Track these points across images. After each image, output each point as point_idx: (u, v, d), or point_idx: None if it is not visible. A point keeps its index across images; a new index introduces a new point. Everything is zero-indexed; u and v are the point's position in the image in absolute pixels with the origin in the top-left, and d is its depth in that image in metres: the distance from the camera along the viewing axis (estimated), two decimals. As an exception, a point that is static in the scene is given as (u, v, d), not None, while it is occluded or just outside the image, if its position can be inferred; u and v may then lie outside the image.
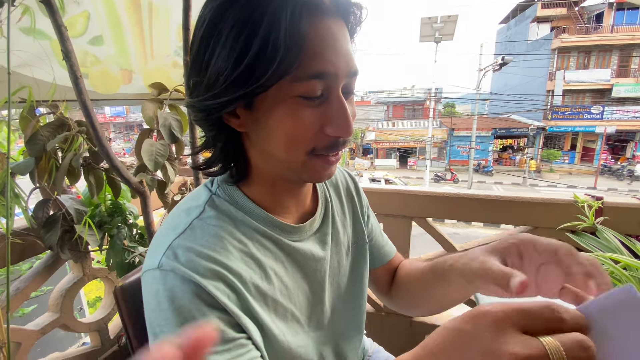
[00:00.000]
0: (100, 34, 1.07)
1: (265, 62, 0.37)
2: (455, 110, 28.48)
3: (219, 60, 0.39)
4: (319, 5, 0.39)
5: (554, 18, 19.76)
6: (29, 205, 0.99)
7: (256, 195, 0.50)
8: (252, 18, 0.37)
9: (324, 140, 0.44)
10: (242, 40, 0.38)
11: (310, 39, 0.38)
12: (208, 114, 0.43)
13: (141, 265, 1.16)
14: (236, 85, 0.39)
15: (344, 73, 0.42)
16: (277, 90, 0.40)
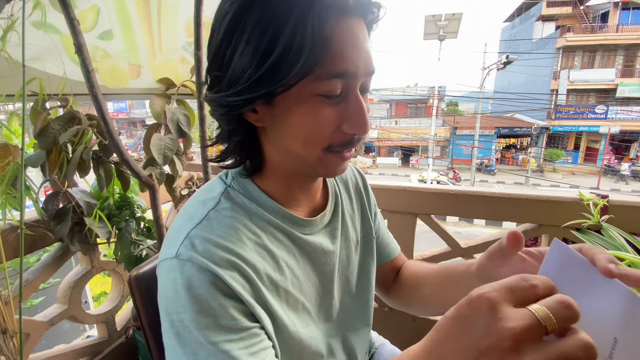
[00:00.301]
0: (110, 29, 1.08)
1: (290, 61, 0.38)
2: (458, 108, 28.37)
3: (242, 57, 0.39)
4: (344, 6, 0.40)
5: (559, 17, 19.60)
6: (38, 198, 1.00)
7: (269, 188, 0.51)
8: (277, 16, 0.37)
9: (341, 137, 0.44)
10: (267, 38, 0.38)
11: (333, 39, 0.39)
12: (229, 110, 0.44)
13: (151, 257, 1.17)
14: (260, 83, 0.39)
15: (363, 72, 0.43)
16: (299, 88, 0.40)
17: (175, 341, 0.40)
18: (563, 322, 0.24)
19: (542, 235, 1.30)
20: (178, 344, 0.40)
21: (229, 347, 0.39)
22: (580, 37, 18.04)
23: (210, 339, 0.39)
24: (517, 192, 1.25)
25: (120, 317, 1.43)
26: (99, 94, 0.84)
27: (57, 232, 1.00)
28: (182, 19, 1.20)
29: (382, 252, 0.71)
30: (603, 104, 18.23)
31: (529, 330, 0.24)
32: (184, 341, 0.39)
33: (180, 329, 0.40)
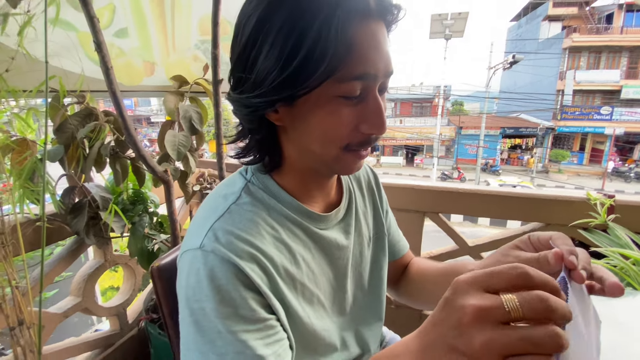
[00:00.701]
0: (125, 27, 1.10)
1: (314, 64, 0.39)
2: (463, 108, 28.23)
3: (267, 60, 0.40)
4: (366, 10, 0.41)
5: (565, 17, 19.41)
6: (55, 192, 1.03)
7: (287, 184, 0.53)
8: (302, 20, 0.38)
9: (358, 137, 0.46)
10: (292, 42, 0.39)
11: (356, 42, 0.40)
12: (253, 110, 0.45)
13: (164, 251, 1.19)
14: (283, 85, 0.41)
15: (383, 74, 0.44)
16: (320, 90, 0.41)
17: (194, 329, 0.41)
18: (532, 312, 0.25)
19: (549, 234, 1.31)
20: (197, 331, 0.41)
21: (246, 337, 0.41)
22: (586, 38, 17.88)
23: (229, 328, 0.40)
24: (524, 191, 1.26)
25: (132, 310, 1.46)
26: (117, 91, 0.86)
27: (73, 225, 1.02)
28: (196, 17, 1.22)
29: (392, 250, 0.72)
30: (608, 105, 18.07)
31: (489, 309, 0.26)
32: (203, 329, 0.41)
33: (200, 317, 0.41)
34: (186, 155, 1.09)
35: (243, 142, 0.52)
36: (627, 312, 0.69)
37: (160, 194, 1.23)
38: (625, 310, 0.70)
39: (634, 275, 0.85)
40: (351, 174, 0.59)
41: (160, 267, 0.60)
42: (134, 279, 1.42)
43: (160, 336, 1.21)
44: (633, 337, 0.60)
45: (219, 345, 0.40)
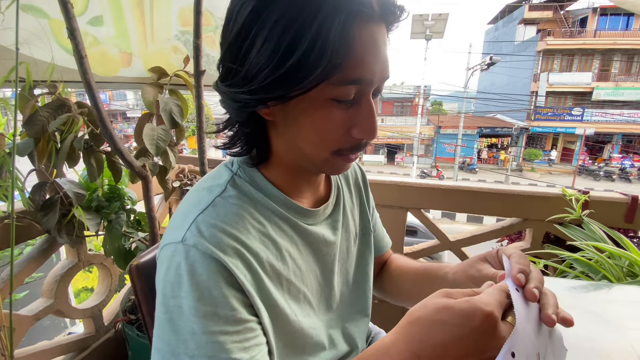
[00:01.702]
0: (100, 14, 1.05)
1: (310, 65, 0.37)
2: (442, 108, 28.87)
3: (260, 54, 0.38)
4: (370, 13, 0.39)
5: (540, 21, 20.19)
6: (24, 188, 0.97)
7: (275, 178, 0.51)
8: (302, 15, 0.36)
9: (350, 142, 0.45)
10: (289, 39, 0.36)
11: (355, 45, 0.38)
12: (242, 105, 0.43)
13: (142, 249, 1.14)
14: (276, 84, 0.39)
15: (379, 79, 0.43)
16: (314, 92, 0.40)
17: (168, 327, 0.39)
18: None
19: (526, 229, 1.35)
20: (170, 330, 0.39)
21: (223, 339, 0.39)
22: (560, 41, 18.68)
23: (206, 329, 0.38)
24: (504, 187, 1.30)
25: (108, 311, 1.40)
26: (91, 81, 0.81)
27: (44, 223, 0.97)
28: (176, 7, 1.17)
29: (376, 246, 0.72)
30: (580, 106, 18.98)
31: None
32: (177, 328, 0.39)
33: (175, 315, 0.39)
34: (165, 150, 1.05)
35: (229, 131, 0.50)
36: (603, 304, 0.72)
37: (138, 191, 1.18)
38: (601, 302, 0.73)
39: (609, 268, 0.88)
40: (338, 174, 0.59)
41: (139, 266, 0.57)
42: (110, 279, 1.37)
43: (139, 338, 1.16)
44: (610, 328, 0.63)
45: (191, 347, 0.38)
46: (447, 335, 0.34)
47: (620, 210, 1.17)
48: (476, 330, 0.33)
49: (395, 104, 25.28)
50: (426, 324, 0.35)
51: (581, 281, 0.88)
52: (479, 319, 0.33)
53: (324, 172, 0.51)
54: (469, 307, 0.34)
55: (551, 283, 0.81)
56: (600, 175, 17.90)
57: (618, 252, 0.90)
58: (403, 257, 0.76)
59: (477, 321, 0.33)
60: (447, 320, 0.34)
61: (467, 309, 0.34)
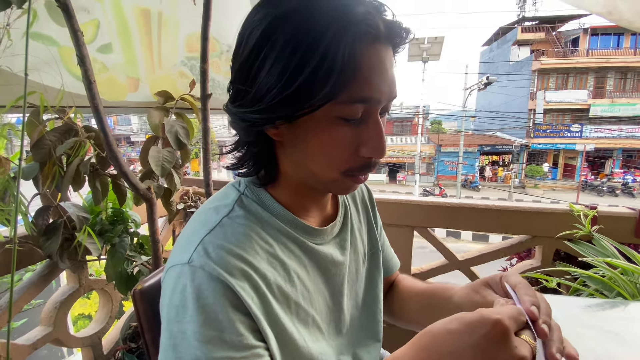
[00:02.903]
0: (110, 42, 1.08)
1: (318, 84, 0.38)
2: (442, 127, 29.22)
3: (269, 75, 0.39)
4: (376, 34, 0.40)
5: (533, 42, 20.79)
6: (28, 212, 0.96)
7: (282, 197, 0.51)
8: (310, 36, 0.37)
9: (359, 161, 0.45)
10: (297, 59, 0.37)
11: (362, 65, 0.39)
12: (251, 125, 0.44)
13: (145, 274, 1.12)
14: (284, 103, 0.39)
15: (386, 98, 0.43)
16: (322, 110, 0.40)
17: (171, 354, 0.38)
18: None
19: (535, 246, 1.33)
20: (173, 356, 0.38)
21: None
22: (553, 61, 19.16)
23: (210, 354, 0.37)
24: (511, 204, 1.29)
25: (107, 339, 1.36)
26: (99, 106, 0.83)
27: (46, 248, 0.96)
28: (183, 34, 1.21)
29: (385, 266, 0.70)
30: (578, 122, 19.19)
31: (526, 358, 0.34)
32: (180, 355, 0.38)
33: (179, 341, 0.38)
34: (170, 172, 1.05)
35: (238, 152, 0.50)
36: (620, 323, 0.69)
37: (141, 213, 1.17)
38: (618, 320, 0.71)
39: (622, 285, 0.86)
40: (346, 194, 0.59)
41: (143, 290, 0.55)
42: (111, 305, 1.34)
43: (140, 367, 1.12)
44: (628, 347, 0.60)
45: None
46: (456, 344, 0.34)
47: (629, 225, 1.15)
48: (485, 337, 0.33)
49: (395, 124, 25.60)
50: (436, 334, 0.36)
51: (596, 299, 0.85)
52: (488, 327, 0.34)
53: (332, 192, 0.51)
54: (477, 316, 0.35)
55: (566, 302, 0.79)
56: (603, 191, 17.81)
57: (631, 267, 0.88)
58: (410, 278, 0.74)
59: (486, 329, 0.33)
60: (456, 329, 0.35)
61: (476, 317, 0.35)
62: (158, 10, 1.15)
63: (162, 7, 1.16)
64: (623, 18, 0.97)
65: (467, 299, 0.52)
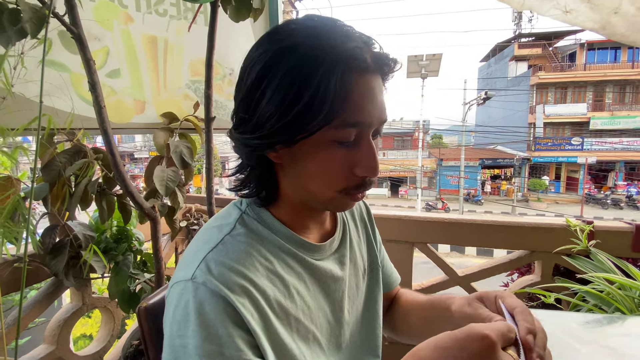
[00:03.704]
0: (118, 68, 1.13)
1: (313, 112, 0.42)
2: (442, 141, 29.37)
3: (269, 104, 0.43)
4: (364, 66, 0.44)
5: (530, 57, 21.16)
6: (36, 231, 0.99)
7: (282, 216, 0.53)
8: (306, 69, 0.41)
9: (354, 180, 0.48)
10: (294, 90, 0.41)
11: (353, 93, 0.43)
12: (253, 150, 0.48)
13: (147, 292, 1.14)
14: (283, 129, 0.43)
15: (377, 122, 0.47)
16: (317, 135, 0.44)
17: None
18: None
19: (535, 261, 1.33)
20: None
21: None
22: (551, 75, 19.44)
23: None
24: (508, 219, 1.30)
25: (109, 358, 1.36)
26: (108, 129, 0.87)
27: (52, 266, 0.98)
28: (187, 59, 1.27)
29: (385, 282, 0.72)
30: (578, 136, 19.26)
31: None
32: None
33: (180, 355, 0.40)
34: (174, 191, 1.08)
35: (241, 175, 0.53)
36: (617, 338, 0.70)
37: (144, 231, 1.20)
38: (615, 336, 0.71)
39: (620, 300, 0.86)
40: (343, 211, 0.62)
41: (148, 308, 0.57)
42: (113, 323, 1.34)
43: (141, 386, 1.12)
44: (626, 363, 0.61)
45: None
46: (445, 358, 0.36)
47: (626, 239, 1.16)
48: (475, 352, 0.35)
49: (396, 139, 25.78)
50: (428, 352, 0.37)
51: (595, 314, 0.85)
52: (476, 342, 0.35)
53: (330, 210, 0.54)
54: (466, 331, 0.36)
55: (565, 318, 0.79)
56: (607, 204, 17.67)
57: (628, 282, 0.89)
58: (411, 292, 0.75)
59: (475, 343, 0.35)
60: (446, 345, 0.36)
61: (464, 333, 0.36)
62: (164, 38, 1.21)
63: (168, 34, 1.22)
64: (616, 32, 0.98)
65: (460, 309, 0.54)
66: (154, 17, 1.19)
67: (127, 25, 1.15)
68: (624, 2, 0.86)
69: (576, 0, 0.88)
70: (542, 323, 0.43)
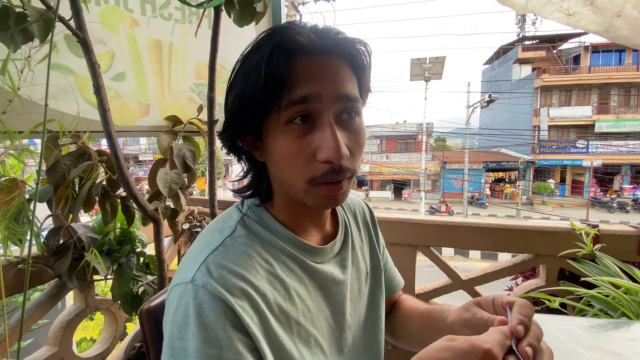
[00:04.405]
0: (123, 71, 1.15)
1: (253, 100, 0.45)
2: (446, 144, 29.29)
3: (232, 101, 0.48)
4: (304, 49, 0.45)
5: (534, 60, 21.08)
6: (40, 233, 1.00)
7: (281, 216, 0.53)
8: (250, 67, 0.45)
9: (320, 168, 0.45)
10: (242, 85, 0.46)
11: (292, 75, 0.44)
12: (226, 142, 0.51)
13: (150, 294, 1.14)
14: (237, 118, 0.48)
15: (331, 95, 0.45)
16: (273, 121, 0.46)
17: None
18: None
19: (539, 265, 1.32)
20: None
21: None
22: (555, 78, 19.35)
23: None
24: (513, 222, 1.29)
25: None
26: (112, 132, 0.87)
27: (56, 268, 0.98)
28: (192, 62, 1.28)
29: (388, 286, 0.71)
30: (583, 138, 19.12)
31: None
32: None
33: (180, 358, 0.40)
34: (177, 193, 1.08)
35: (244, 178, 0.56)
36: (623, 343, 0.69)
37: (147, 233, 1.20)
38: (621, 341, 0.70)
39: (626, 304, 0.85)
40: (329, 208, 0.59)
41: (149, 310, 0.57)
42: (116, 325, 1.34)
43: (143, 388, 1.12)
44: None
45: None
46: None
47: (631, 243, 1.15)
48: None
49: (399, 141, 25.77)
50: None
51: (600, 319, 0.84)
52: (478, 356, 0.34)
53: (312, 206, 0.50)
54: (468, 346, 0.36)
55: (570, 323, 0.78)
56: (613, 207, 17.49)
57: (634, 287, 0.87)
58: (411, 298, 0.75)
59: (477, 358, 0.35)
60: (446, 358, 0.35)
61: (466, 347, 0.35)
62: (169, 41, 1.22)
63: (172, 38, 1.23)
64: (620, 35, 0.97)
65: (457, 317, 0.54)
66: (159, 21, 1.21)
67: (133, 29, 1.16)
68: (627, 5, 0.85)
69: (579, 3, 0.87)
70: (547, 328, 0.43)
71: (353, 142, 0.47)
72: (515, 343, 0.38)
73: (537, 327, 0.42)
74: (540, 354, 0.39)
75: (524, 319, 0.41)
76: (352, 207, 0.68)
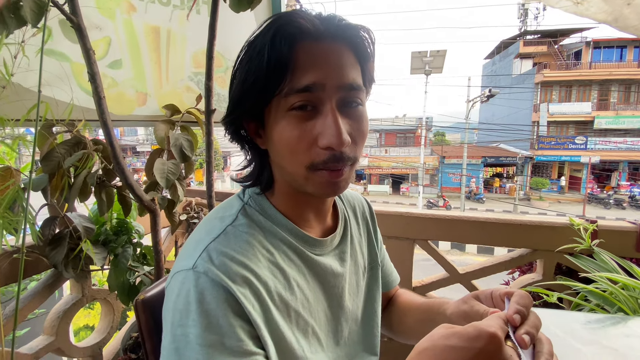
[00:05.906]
0: (120, 59, 1.12)
1: (257, 84, 0.45)
2: (445, 138, 29.28)
3: (237, 85, 0.48)
4: (308, 34, 0.45)
5: (535, 55, 20.97)
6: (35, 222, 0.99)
7: (281, 206, 0.53)
8: (254, 52, 0.46)
9: (321, 155, 0.45)
10: (246, 70, 0.46)
11: (296, 61, 0.44)
12: (229, 127, 0.52)
13: (146, 284, 1.14)
14: (241, 103, 0.48)
15: (334, 84, 0.45)
16: (275, 107, 0.46)
17: (173, 356, 0.39)
18: None
19: (537, 260, 1.32)
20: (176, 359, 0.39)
21: None
22: (556, 73, 19.28)
23: (211, 358, 0.38)
24: (511, 217, 1.29)
25: (108, 350, 1.36)
26: (108, 120, 0.86)
27: (52, 257, 0.97)
28: (190, 51, 1.25)
29: (384, 282, 0.72)
30: (582, 135, 19.15)
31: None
32: (182, 358, 0.39)
33: (182, 345, 0.39)
34: (174, 184, 1.07)
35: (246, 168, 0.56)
36: (619, 339, 0.69)
37: (145, 224, 1.19)
38: (618, 336, 0.70)
39: (623, 300, 0.86)
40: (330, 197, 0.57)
41: (145, 300, 0.57)
42: (112, 315, 1.34)
43: (140, 378, 1.12)
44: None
45: None
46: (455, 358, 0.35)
47: (629, 239, 1.15)
48: (483, 351, 0.34)
49: (398, 135, 25.72)
50: (436, 351, 0.36)
51: (597, 314, 0.85)
52: (484, 340, 0.35)
53: (312, 193, 0.49)
54: (474, 330, 0.36)
55: (567, 317, 0.79)
56: (610, 204, 17.60)
57: (631, 282, 0.88)
58: (409, 293, 0.75)
59: (483, 342, 0.35)
60: (454, 344, 0.35)
61: (472, 332, 0.36)
62: (167, 28, 1.20)
63: (171, 25, 1.20)
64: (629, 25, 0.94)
65: (456, 309, 0.54)
66: (156, 6, 1.18)
67: (130, 15, 1.13)
68: (637, -6, 0.83)
69: (587, -8, 0.85)
70: (543, 322, 0.42)
71: (355, 129, 0.47)
72: (513, 331, 0.38)
73: (535, 317, 0.41)
74: (539, 343, 0.39)
75: (520, 309, 0.41)
76: (351, 202, 0.68)
